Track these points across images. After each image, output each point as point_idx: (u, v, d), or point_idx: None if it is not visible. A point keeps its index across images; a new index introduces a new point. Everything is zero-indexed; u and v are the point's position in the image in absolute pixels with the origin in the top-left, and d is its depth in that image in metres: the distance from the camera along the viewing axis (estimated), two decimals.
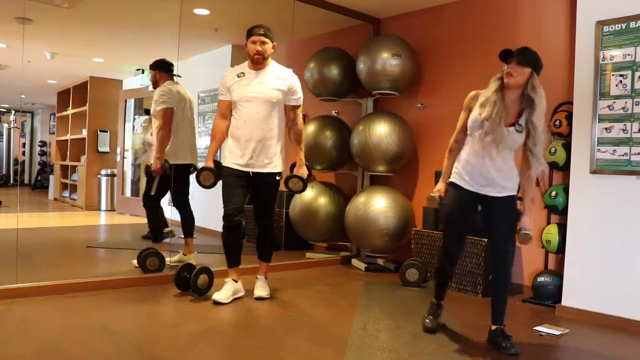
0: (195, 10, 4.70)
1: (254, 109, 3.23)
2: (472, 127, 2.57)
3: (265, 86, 3.24)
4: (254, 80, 3.26)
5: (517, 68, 2.43)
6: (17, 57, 5.74)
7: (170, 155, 4.00)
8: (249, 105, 3.23)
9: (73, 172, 8.56)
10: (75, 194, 8.31)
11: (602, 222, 3.22)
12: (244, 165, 3.27)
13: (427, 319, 2.86)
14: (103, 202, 7.93)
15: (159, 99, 4.01)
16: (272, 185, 3.36)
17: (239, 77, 3.29)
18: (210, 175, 3.28)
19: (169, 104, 3.99)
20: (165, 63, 4.19)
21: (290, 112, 3.35)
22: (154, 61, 4.20)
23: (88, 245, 5.07)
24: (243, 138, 3.25)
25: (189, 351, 2.42)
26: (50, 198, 8.94)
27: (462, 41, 4.35)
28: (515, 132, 2.48)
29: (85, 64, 7.05)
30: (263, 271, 3.54)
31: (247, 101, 3.24)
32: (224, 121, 3.34)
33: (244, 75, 3.28)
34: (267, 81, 3.25)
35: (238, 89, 3.26)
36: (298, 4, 4.39)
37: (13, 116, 9.38)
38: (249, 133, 3.24)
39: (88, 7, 4.58)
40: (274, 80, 3.26)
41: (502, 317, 2.65)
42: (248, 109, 3.23)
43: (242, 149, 3.26)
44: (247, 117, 3.24)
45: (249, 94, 3.23)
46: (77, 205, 8.13)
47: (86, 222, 7.06)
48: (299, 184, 3.39)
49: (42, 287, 3.27)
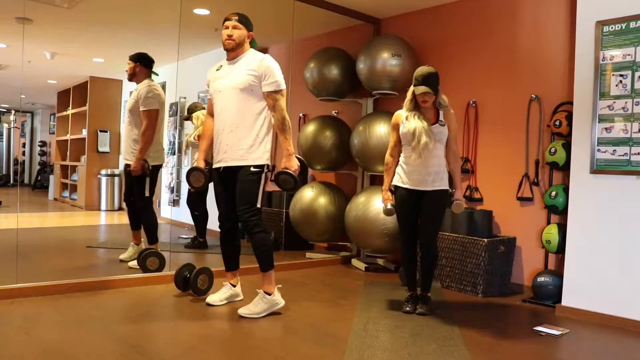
0: (195, 10, 4.70)
1: (225, 99, 3.07)
2: (407, 139, 3.14)
3: (236, 75, 3.05)
4: (227, 71, 3.12)
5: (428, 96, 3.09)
6: (17, 57, 5.74)
7: (150, 156, 4.00)
8: (221, 97, 3.09)
9: (73, 172, 8.55)
10: (75, 194, 8.31)
11: (602, 222, 3.22)
12: (218, 162, 3.12)
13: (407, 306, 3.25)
14: (103, 202, 7.93)
15: (148, 98, 3.96)
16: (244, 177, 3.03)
17: (217, 71, 3.18)
18: (201, 175, 3.16)
19: (155, 105, 3.98)
20: (147, 58, 4.15)
21: (268, 98, 3.04)
22: (135, 53, 4.15)
23: (88, 245, 5.07)
24: (217, 132, 3.11)
25: (188, 351, 2.42)
26: (50, 198, 8.93)
27: (462, 41, 4.35)
28: (440, 126, 3.13)
29: (85, 64, 7.05)
30: (262, 284, 3.12)
31: (219, 92, 3.10)
32: (212, 119, 3.22)
33: (221, 68, 3.17)
34: (239, 69, 3.06)
35: (214, 81, 3.16)
36: (298, 4, 4.39)
37: (13, 116, 9.38)
38: (222, 125, 3.08)
39: (88, 7, 4.58)
40: (245, 67, 3.05)
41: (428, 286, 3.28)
42: (220, 101, 3.10)
43: (217, 144, 3.11)
44: (220, 109, 3.09)
45: (220, 84, 3.10)
46: (77, 205, 8.12)
47: (86, 222, 7.06)
48: (288, 181, 3.05)
49: (42, 287, 3.27)
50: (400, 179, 3.22)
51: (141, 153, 3.94)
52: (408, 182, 3.17)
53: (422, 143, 3.06)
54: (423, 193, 3.16)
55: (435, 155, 3.13)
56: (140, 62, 4.11)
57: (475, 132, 4.21)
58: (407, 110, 3.18)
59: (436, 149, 3.13)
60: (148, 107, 3.95)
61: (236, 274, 3.30)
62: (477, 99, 4.21)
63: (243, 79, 3.01)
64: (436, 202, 3.16)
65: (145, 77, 4.11)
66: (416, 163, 3.12)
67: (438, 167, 3.14)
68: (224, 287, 3.29)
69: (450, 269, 3.89)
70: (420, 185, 3.15)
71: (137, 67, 4.11)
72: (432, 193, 3.15)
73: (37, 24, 4.91)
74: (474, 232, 3.79)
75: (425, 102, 3.11)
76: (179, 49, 4.35)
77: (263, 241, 3.05)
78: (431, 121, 3.14)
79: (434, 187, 3.14)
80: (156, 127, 3.99)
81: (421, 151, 3.09)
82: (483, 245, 3.65)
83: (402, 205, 3.22)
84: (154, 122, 3.96)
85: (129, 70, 4.16)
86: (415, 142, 3.09)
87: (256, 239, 3.05)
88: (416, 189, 3.16)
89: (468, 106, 4.25)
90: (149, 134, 3.94)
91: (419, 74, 3.11)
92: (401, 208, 3.23)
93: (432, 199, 3.16)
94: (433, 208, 3.17)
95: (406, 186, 3.18)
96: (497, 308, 3.45)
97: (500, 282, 3.79)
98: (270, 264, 3.08)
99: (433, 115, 3.17)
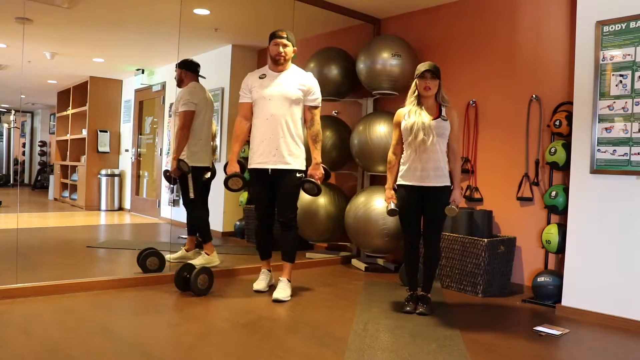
0: (195, 10, 4.70)
1: (276, 106, 3.35)
2: (405, 134, 3.16)
3: (285, 86, 3.39)
4: (276, 81, 3.41)
5: (432, 82, 3.12)
6: (17, 57, 5.75)
7: (190, 157, 4.05)
8: (270, 104, 3.36)
9: (73, 172, 8.56)
10: (75, 194, 8.31)
11: (602, 222, 3.22)
12: (262, 163, 3.39)
13: (408, 306, 3.24)
14: (103, 202, 7.94)
15: (182, 100, 4.06)
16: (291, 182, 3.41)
17: (261, 78, 3.44)
18: (239, 181, 3.38)
19: (190, 107, 4.05)
20: (192, 63, 4.25)
21: (308, 112, 3.48)
22: (181, 60, 4.26)
23: (88, 245, 5.07)
24: (265, 136, 3.36)
25: (189, 351, 2.42)
26: (50, 198, 8.94)
27: (462, 41, 4.35)
28: (442, 121, 3.13)
29: (85, 64, 7.05)
30: (284, 272, 3.52)
31: (268, 99, 3.36)
32: (246, 122, 3.47)
33: (266, 77, 3.44)
34: (288, 82, 3.40)
35: (260, 88, 3.40)
36: (298, 4, 4.39)
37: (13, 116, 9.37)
38: (270, 130, 3.35)
39: (88, 7, 4.58)
40: (294, 81, 3.42)
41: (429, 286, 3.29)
42: (269, 107, 3.36)
43: (265, 147, 3.37)
44: (269, 115, 3.36)
45: (270, 92, 3.37)
46: (77, 205, 8.13)
47: (86, 222, 7.06)
48: (312, 188, 3.44)
49: (42, 287, 3.27)
50: (403, 178, 3.20)
51: (175, 153, 4.04)
52: (411, 180, 3.16)
53: (419, 140, 3.07)
54: (427, 191, 3.13)
55: (436, 150, 3.11)
56: (186, 68, 4.21)
57: (475, 132, 4.21)
58: (409, 105, 3.18)
59: (437, 144, 3.11)
60: (182, 108, 4.05)
61: (270, 261, 3.68)
62: (477, 99, 4.21)
63: (295, 91, 3.39)
64: (440, 202, 3.14)
65: (190, 80, 4.20)
66: (415, 159, 3.13)
67: (439, 162, 3.12)
68: (263, 274, 3.63)
69: (450, 269, 3.89)
70: (424, 181, 3.12)
71: (184, 73, 4.21)
72: (436, 191, 3.13)
73: (37, 24, 4.91)
74: (474, 232, 3.79)
75: (429, 88, 3.10)
76: (179, 49, 4.36)
77: (297, 237, 3.57)
78: (433, 116, 3.13)
79: (438, 183, 3.12)
80: (190, 127, 4.05)
81: (417, 147, 3.10)
82: (483, 245, 3.65)
83: (406, 204, 3.19)
84: (187, 123, 4.03)
85: (177, 77, 4.27)
86: (412, 137, 3.10)
87: (294, 234, 3.52)
88: (420, 186, 3.13)
89: (468, 106, 4.25)
90: (181, 134, 4.03)
91: (421, 65, 3.16)
92: (405, 207, 3.20)
93: (436, 198, 3.14)
94: (438, 208, 3.15)
95: (409, 183, 3.16)
96: (497, 308, 3.45)
97: (500, 282, 3.79)
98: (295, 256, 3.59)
99: (436, 110, 3.16)
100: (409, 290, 3.34)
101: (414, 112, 3.13)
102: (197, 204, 4.14)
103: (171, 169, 4.07)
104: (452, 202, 3.16)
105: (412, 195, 3.16)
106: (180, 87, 4.23)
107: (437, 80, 3.14)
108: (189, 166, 4.00)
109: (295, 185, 3.43)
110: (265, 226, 3.58)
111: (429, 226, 3.23)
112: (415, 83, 3.17)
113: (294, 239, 3.53)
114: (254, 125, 3.45)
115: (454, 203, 3.15)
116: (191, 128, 4.07)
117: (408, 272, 3.34)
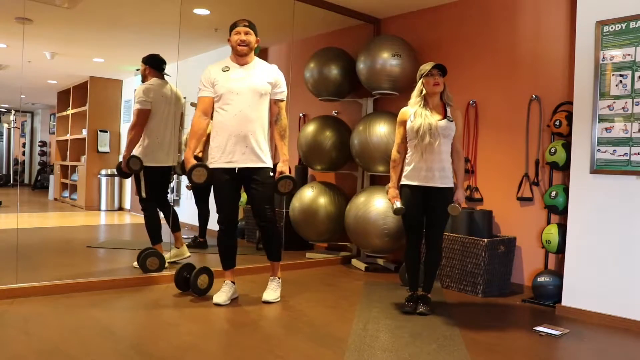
0: (195, 10, 4.70)
1: (244, 101, 3.16)
2: (411, 136, 3.16)
3: (254, 79, 3.20)
4: (242, 74, 3.20)
5: (439, 78, 3.14)
6: (17, 57, 5.74)
7: (145, 156, 3.97)
8: (238, 98, 3.16)
9: (73, 172, 8.55)
10: (75, 194, 8.31)
11: (602, 222, 3.22)
12: (230, 162, 3.19)
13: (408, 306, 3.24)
14: (103, 202, 7.93)
15: (137, 98, 3.97)
16: (266, 179, 3.25)
17: (224, 71, 3.22)
18: (203, 171, 3.13)
19: (145, 105, 3.95)
20: (156, 59, 4.15)
21: (275, 106, 3.30)
22: (147, 55, 4.17)
23: (88, 245, 5.07)
24: (233, 133, 3.16)
25: (189, 351, 2.42)
26: (50, 198, 8.94)
27: (463, 41, 4.35)
28: (448, 122, 3.14)
29: (85, 64, 7.05)
30: (275, 271, 3.44)
31: (235, 94, 3.16)
32: (205, 118, 3.25)
33: (230, 69, 3.22)
34: (256, 75, 3.22)
35: (226, 82, 3.18)
36: (298, 4, 4.40)
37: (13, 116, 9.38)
38: (239, 126, 3.15)
39: (88, 7, 4.58)
40: (262, 74, 3.23)
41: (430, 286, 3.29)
42: (237, 102, 3.15)
43: (232, 145, 3.17)
44: (238, 111, 3.15)
45: (238, 86, 3.17)
46: (77, 205, 8.12)
47: (86, 222, 7.06)
48: (289, 184, 3.27)
49: (42, 287, 3.27)
50: (407, 178, 3.20)
51: (125, 151, 3.95)
52: (415, 180, 3.16)
53: (425, 142, 3.08)
54: (430, 191, 3.14)
55: (442, 152, 3.12)
56: (149, 64, 4.14)
57: (476, 132, 4.21)
58: (415, 105, 3.18)
59: (443, 145, 3.12)
60: (134, 106, 4.00)
61: (235, 272, 3.41)
62: (477, 99, 4.21)
63: (264, 85, 3.21)
64: (444, 203, 3.14)
65: (153, 77, 4.12)
66: (420, 160, 3.13)
67: (444, 163, 3.14)
68: (226, 286, 3.33)
69: (450, 269, 3.89)
70: (428, 182, 3.13)
71: (147, 69, 4.14)
72: (439, 192, 3.13)
73: (37, 24, 4.91)
74: (474, 232, 3.79)
75: (438, 84, 3.12)
76: (179, 49, 4.35)
77: (280, 233, 3.47)
78: (439, 116, 3.14)
79: (442, 184, 3.13)
80: (142, 126, 3.96)
81: (423, 150, 3.10)
82: (483, 245, 3.65)
83: (409, 204, 3.18)
84: (139, 121, 3.95)
85: (141, 72, 4.21)
86: (418, 140, 3.10)
87: (277, 232, 3.39)
88: (424, 186, 3.14)
89: (468, 106, 4.25)
90: (131, 132, 3.95)
91: (426, 64, 3.17)
92: (408, 207, 3.19)
93: (439, 199, 3.14)
94: (441, 209, 3.15)
95: (414, 183, 3.16)
96: (497, 308, 3.45)
97: (500, 282, 3.79)
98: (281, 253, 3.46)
99: (441, 111, 3.17)
100: (409, 290, 3.34)
101: (419, 114, 3.12)
102: (150, 203, 4.08)
103: (122, 166, 3.97)
104: (456, 201, 3.17)
105: (416, 195, 3.16)
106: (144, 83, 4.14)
107: (444, 78, 3.15)
108: (142, 165, 3.92)
109: (271, 183, 3.25)
110: (229, 231, 3.32)
111: (431, 227, 3.23)
112: (422, 82, 3.16)
113: (278, 235, 3.41)
114: (218, 122, 3.20)
115: (457, 202, 3.16)
116: (147, 127, 3.97)
117: (409, 272, 3.34)
